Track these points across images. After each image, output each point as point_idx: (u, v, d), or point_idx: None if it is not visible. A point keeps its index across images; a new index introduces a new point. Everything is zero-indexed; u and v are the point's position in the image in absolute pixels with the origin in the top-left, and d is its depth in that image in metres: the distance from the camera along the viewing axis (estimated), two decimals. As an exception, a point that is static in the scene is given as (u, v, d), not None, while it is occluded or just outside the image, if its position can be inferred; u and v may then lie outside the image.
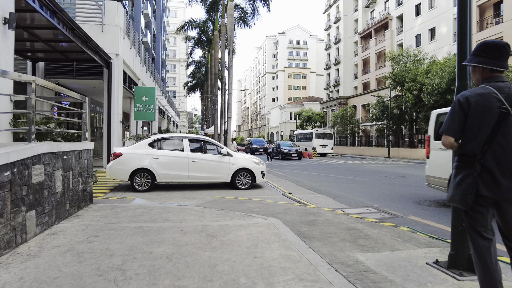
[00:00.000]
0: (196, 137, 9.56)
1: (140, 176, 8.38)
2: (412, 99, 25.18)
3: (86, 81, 14.95)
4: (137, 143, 8.98)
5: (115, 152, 8.55)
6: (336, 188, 9.73)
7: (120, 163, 8.31)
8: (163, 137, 8.87)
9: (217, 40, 25.95)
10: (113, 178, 8.76)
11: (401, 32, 36.25)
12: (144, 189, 8.36)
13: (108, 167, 8.48)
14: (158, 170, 8.38)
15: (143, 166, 8.30)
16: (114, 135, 14.31)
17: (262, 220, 4.70)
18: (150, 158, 8.35)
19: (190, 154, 8.65)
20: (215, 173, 8.83)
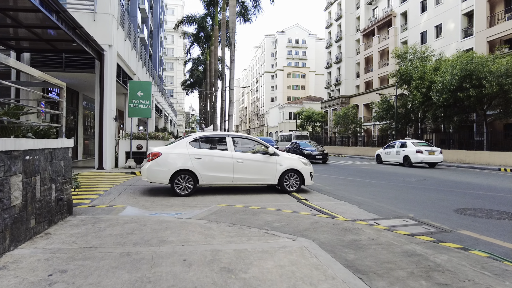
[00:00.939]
0: (240, 135, 8.52)
1: (181, 178, 7.46)
2: (420, 97, 24.14)
3: (77, 74, 13.76)
4: (177, 142, 8.00)
5: (154, 151, 7.59)
6: (354, 192, 8.63)
7: (160, 164, 7.41)
8: (205, 135, 8.06)
9: (216, 35, 24.82)
10: (151, 181, 7.72)
11: (406, 29, 35.28)
12: (185, 193, 7.47)
13: (146, 168, 7.51)
14: (201, 172, 7.49)
15: (185, 167, 7.42)
16: (106, 133, 13.15)
17: (290, 242, 3.57)
18: (192, 159, 7.47)
19: (235, 153, 7.77)
20: (262, 174, 7.97)
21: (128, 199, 7.16)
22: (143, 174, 7.74)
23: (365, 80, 42.78)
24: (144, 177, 7.68)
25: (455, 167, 18.58)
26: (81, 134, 18.61)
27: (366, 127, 40.57)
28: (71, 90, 17.03)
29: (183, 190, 7.49)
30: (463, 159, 21.07)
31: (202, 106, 44.84)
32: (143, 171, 7.71)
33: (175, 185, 7.45)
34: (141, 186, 9.07)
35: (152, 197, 7.37)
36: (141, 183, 9.67)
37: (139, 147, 13.94)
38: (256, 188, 8.84)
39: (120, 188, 8.57)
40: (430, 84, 23.25)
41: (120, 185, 9.19)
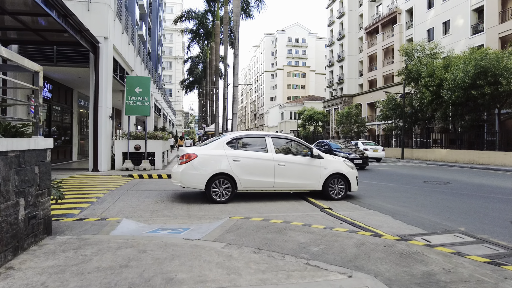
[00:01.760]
0: (280, 136, 7.66)
1: (218, 183, 6.70)
2: (430, 95, 23.21)
3: (70, 69, 12.73)
4: (213, 142, 7.13)
5: (188, 153, 6.81)
6: (381, 199, 7.66)
7: (195, 167, 6.65)
8: (243, 135, 7.32)
9: (218, 31, 23.82)
10: (183, 186, 6.90)
11: (411, 26, 34.36)
12: (222, 200, 6.70)
13: (180, 172, 6.69)
14: (240, 176, 6.75)
15: (223, 171, 6.68)
16: (101, 132, 12.13)
17: (346, 281, 2.59)
18: (230, 161, 6.74)
19: (276, 156, 7.04)
20: (305, 179, 7.19)
21: (125, 208, 6.16)
22: (175, 178, 6.88)
23: (369, 78, 41.85)
24: (176, 181, 6.82)
25: (470, 168, 17.64)
26: (76, 134, 17.57)
27: (369, 126, 39.65)
28: (64, 87, 16.00)
29: (220, 197, 6.68)
30: (476, 160, 20.15)
31: (203, 104, 43.77)
32: (175, 175, 6.86)
33: (211, 191, 6.61)
34: (139, 191, 8.07)
35: (152, 205, 6.37)
36: (139, 187, 8.66)
37: (137, 147, 12.93)
38: (265, 193, 7.85)
39: (116, 194, 7.56)
40: (440, 81, 22.34)
41: (116, 190, 8.19)
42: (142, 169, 12.67)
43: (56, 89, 14.96)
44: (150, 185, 9.34)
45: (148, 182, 10.08)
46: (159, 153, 13.45)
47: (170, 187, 8.95)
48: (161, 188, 8.76)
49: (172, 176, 7.04)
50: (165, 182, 10.02)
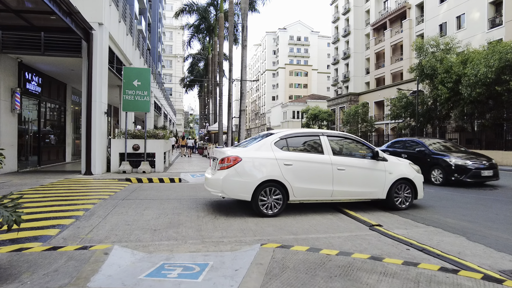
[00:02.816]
0: (336, 133, 6.39)
1: (267, 192, 5.49)
2: (446, 92, 21.85)
3: (60, 60, 11.35)
4: (257, 142, 5.86)
5: (230, 156, 5.54)
6: (431, 209, 6.29)
7: (240, 173, 5.42)
8: (293, 133, 6.00)
9: (222, 23, 22.45)
10: (224, 197, 5.65)
11: (422, 21, 33.02)
12: (273, 213, 5.48)
13: (222, 179, 5.45)
14: (293, 183, 5.54)
15: (273, 177, 5.48)
16: (95, 130, 10.77)
17: None
18: (281, 165, 5.53)
19: (334, 158, 5.86)
20: (367, 186, 6.02)
21: (118, 225, 4.79)
22: (213, 186, 5.63)
23: (376, 76, 40.52)
24: (215, 190, 5.59)
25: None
26: (70, 133, 16.20)
27: (377, 126, 38.30)
28: (56, 81, 14.62)
29: (269, 209, 5.48)
30: (499, 161, 18.80)
31: (206, 101, 42.30)
32: (213, 182, 5.60)
33: (259, 202, 5.41)
34: (137, 200, 6.69)
35: (153, 221, 4.99)
36: (137, 194, 7.28)
37: (135, 147, 11.56)
38: (290, 204, 6.48)
39: (109, 204, 6.19)
40: (458, 78, 21.00)
41: (110, 198, 6.82)
42: (141, 171, 11.30)
43: (46, 83, 13.58)
44: (150, 191, 7.97)
45: (148, 187, 8.71)
46: (160, 154, 12.09)
47: (173, 194, 7.59)
48: (163, 195, 7.39)
49: (208, 184, 5.82)
50: (167, 188, 8.65)
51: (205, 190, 8.19)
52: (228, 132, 18.63)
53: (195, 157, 25.76)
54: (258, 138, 6.17)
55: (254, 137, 6.55)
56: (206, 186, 5.96)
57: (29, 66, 11.81)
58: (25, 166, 12.03)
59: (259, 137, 6.16)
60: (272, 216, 5.42)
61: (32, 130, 12.62)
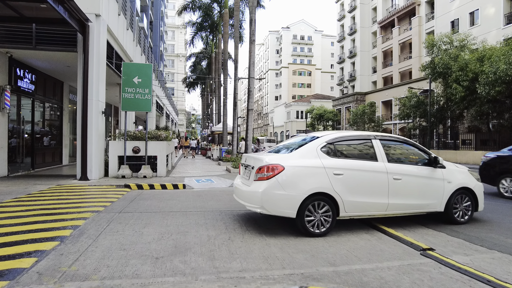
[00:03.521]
0: (389, 136, 5.50)
1: (314, 207, 4.59)
2: (462, 91, 20.86)
3: (55, 55, 10.46)
4: (301, 148, 4.91)
5: (271, 164, 4.61)
6: (480, 225, 5.34)
7: (283, 185, 4.50)
8: (342, 137, 5.11)
9: (226, 19, 21.54)
10: (263, 212, 4.63)
11: (432, 18, 32.00)
12: (320, 232, 4.59)
13: (261, 192, 4.52)
14: (344, 196, 4.67)
15: (322, 190, 4.58)
16: (92, 131, 9.87)
17: None
18: (330, 175, 4.64)
19: (389, 166, 5.00)
20: (424, 197, 5.17)
21: (111, 250, 3.87)
22: (251, 200, 4.69)
23: (383, 75, 39.50)
24: (254, 205, 4.65)
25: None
26: (67, 133, 15.31)
27: (385, 126, 37.29)
28: (52, 79, 13.73)
29: (318, 227, 4.60)
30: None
31: (210, 100, 41.37)
32: (251, 196, 4.67)
33: (306, 219, 4.52)
34: (136, 213, 5.77)
35: (154, 244, 4.06)
36: (136, 205, 6.35)
37: (135, 150, 10.65)
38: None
39: (103, 219, 5.27)
40: (475, 75, 20.02)
41: (105, 210, 5.90)
42: (142, 176, 10.40)
43: (41, 81, 12.70)
44: (151, 201, 7.04)
45: (149, 195, 7.79)
46: (162, 157, 11.18)
47: (177, 204, 6.66)
48: (166, 206, 6.46)
49: (243, 197, 4.93)
50: (170, 196, 7.73)
51: (212, 199, 7.31)
52: (234, 133, 17.72)
53: (199, 158, 24.86)
54: (294, 141, 5.36)
55: (293, 140, 5.65)
56: (239, 199, 5.11)
57: (21, 62, 10.93)
58: (17, 170, 11.15)
59: (301, 141, 5.27)
60: (319, 236, 4.56)
61: (25, 131, 11.74)
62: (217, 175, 12.00)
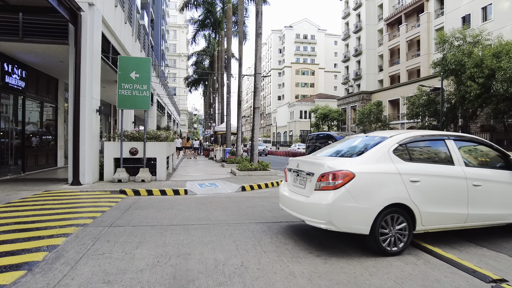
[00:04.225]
0: (463, 136, 4.74)
1: (389, 220, 3.88)
2: (477, 88, 19.86)
3: (45, 48, 9.61)
4: (371, 151, 4.11)
5: (339, 170, 3.83)
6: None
7: (355, 196, 3.75)
8: (414, 137, 4.32)
9: (230, 15, 20.65)
10: (328, 229, 3.82)
11: (441, 14, 31.00)
12: (396, 250, 3.88)
13: (331, 205, 3.73)
14: (422, 207, 3.94)
15: (399, 200, 3.85)
16: (85, 131, 9.00)
17: None
18: (406, 182, 3.91)
19: (467, 170, 4.27)
20: (505, 206, 4.44)
21: (92, 282, 2.99)
22: (314, 214, 3.89)
23: (390, 73, 38.52)
24: (319, 220, 3.84)
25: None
26: (62, 134, 14.45)
27: (392, 126, 36.30)
28: (45, 76, 12.89)
29: (392, 245, 3.87)
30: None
31: (212, 99, 40.51)
32: (315, 210, 3.88)
33: (380, 235, 3.81)
34: (129, 226, 4.88)
35: (148, 273, 3.17)
36: (131, 216, 5.44)
37: (133, 151, 9.78)
38: (338, 237, 4.66)
39: (89, 237, 4.39)
40: (491, 72, 19.05)
41: (93, 223, 5.02)
42: (140, 180, 9.52)
43: (33, 77, 11.86)
44: (148, 210, 6.15)
45: (146, 203, 6.90)
46: (162, 159, 10.30)
47: (178, 215, 5.76)
48: (165, 218, 5.57)
49: (299, 209, 4.15)
50: (170, 203, 6.84)
51: (218, 208, 6.41)
52: (238, 133, 16.83)
53: (201, 159, 24.01)
54: (351, 143, 4.66)
55: (351, 140, 4.89)
56: (291, 211, 4.34)
57: (8, 56, 10.08)
58: (5, 173, 10.31)
59: (352, 142, 4.63)
60: (394, 254, 3.84)
61: (14, 131, 10.90)
62: (221, 178, 11.12)
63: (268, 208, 6.56)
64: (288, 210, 4.46)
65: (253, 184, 9.51)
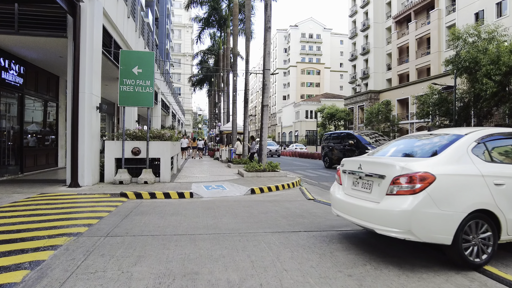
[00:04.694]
0: None
1: (472, 229, 3.38)
2: (493, 86, 19.06)
3: (43, 42, 9.09)
4: (448, 150, 3.60)
5: (418, 172, 3.33)
6: None
7: (437, 201, 3.27)
8: (491, 134, 3.83)
9: (236, 11, 20.06)
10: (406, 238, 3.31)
11: (453, 11, 30.14)
12: (480, 262, 3.39)
13: (411, 212, 3.23)
14: (508, 214, 3.46)
15: (483, 206, 3.38)
16: (84, 130, 8.45)
17: None
18: (490, 185, 3.43)
19: None
20: None
21: None
22: (390, 223, 3.36)
23: (399, 72, 37.67)
24: (397, 230, 3.31)
25: None
26: (63, 133, 13.93)
27: (401, 125, 35.47)
28: (45, 72, 12.39)
29: (476, 255, 3.39)
30: None
31: (217, 98, 39.98)
32: (391, 218, 3.36)
33: (463, 245, 3.33)
34: (128, 236, 4.28)
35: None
36: (131, 224, 4.83)
37: (135, 151, 9.22)
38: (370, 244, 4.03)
39: (81, 250, 3.80)
40: (508, 69, 18.26)
41: (88, 232, 4.44)
42: (142, 182, 8.95)
43: (32, 74, 11.37)
44: (150, 216, 5.56)
45: (149, 207, 6.32)
46: (166, 159, 9.73)
47: (183, 222, 5.16)
48: (168, 226, 4.97)
49: (365, 216, 3.65)
50: (175, 208, 6.24)
51: (227, 214, 5.79)
52: (245, 132, 16.22)
53: (206, 159, 23.46)
54: (415, 141, 4.24)
55: (402, 141, 4.47)
56: (353, 218, 3.83)
57: (4, 51, 9.57)
58: (2, 174, 9.81)
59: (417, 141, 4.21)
60: (477, 267, 3.36)
61: (12, 130, 10.40)
62: (228, 180, 10.52)
63: (282, 214, 5.94)
64: (346, 216, 3.98)
65: (262, 186, 8.89)
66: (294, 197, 7.96)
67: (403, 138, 4.61)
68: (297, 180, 10.44)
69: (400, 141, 4.52)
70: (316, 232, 4.73)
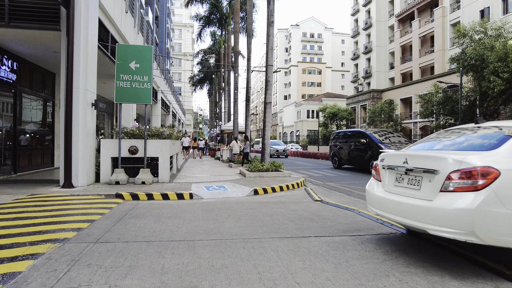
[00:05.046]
0: None
1: None
2: (502, 84, 18.60)
3: (35, 35, 8.67)
4: (508, 143, 3.15)
5: (476, 167, 2.93)
6: None
7: (504, 200, 2.83)
8: None
9: (238, 7, 19.64)
10: (470, 241, 2.88)
11: (457, 8, 29.67)
12: None
13: (475, 210, 2.82)
14: None
15: None
16: (78, 127, 8.04)
17: None
18: None
19: None
20: None
21: None
22: (448, 223, 2.97)
23: (402, 71, 37.20)
24: (456, 231, 2.92)
25: None
26: (60, 132, 13.51)
27: (404, 125, 34.99)
28: (41, 69, 11.99)
29: None
30: None
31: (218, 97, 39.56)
32: (448, 217, 2.97)
33: None
34: (120, 243, 3.84)
35: None
36: (124, 229, 4.38)
37: (132, 150, 8.79)
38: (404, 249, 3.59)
39: (66, 258, 3.37)
40: (517, 66, 17.79)
41: (76, 238, 4.01)
42: (140, 182, 8.52)
43: (26, 70, 10.96)
44: (146, 220, 5.13)
45: (145, 209, 5.89)
46: (165, 158, 9.30)
47: (181, 227, 4.72)
48: (165, 231, 4.53)
49: (416, 216, 3.27)
50: (173, 211, 5.80)
51: (229, 217, 5.33)
52: (247, 131, 15.80)
53: (207, 159, 23.04)
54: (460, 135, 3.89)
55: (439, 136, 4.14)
56: (400, 217, 3.46)
57: (-5, 44, 9.16)
58: (-6, 174, 9.39)
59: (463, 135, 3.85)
60: None
61: (5, 128, 9.99)
62: (230, 180, 10.08)
63: (288, 217, 5.50)
64: (389, 215, 3.64)
65: (266, 187, 8.45)
66: (300, 198, 7.52)
67: (446, 131, 4.23)
68: (302, 180, 10.00)
69: (443, 134, 4.12)
70: (327, 237, 4.29)
